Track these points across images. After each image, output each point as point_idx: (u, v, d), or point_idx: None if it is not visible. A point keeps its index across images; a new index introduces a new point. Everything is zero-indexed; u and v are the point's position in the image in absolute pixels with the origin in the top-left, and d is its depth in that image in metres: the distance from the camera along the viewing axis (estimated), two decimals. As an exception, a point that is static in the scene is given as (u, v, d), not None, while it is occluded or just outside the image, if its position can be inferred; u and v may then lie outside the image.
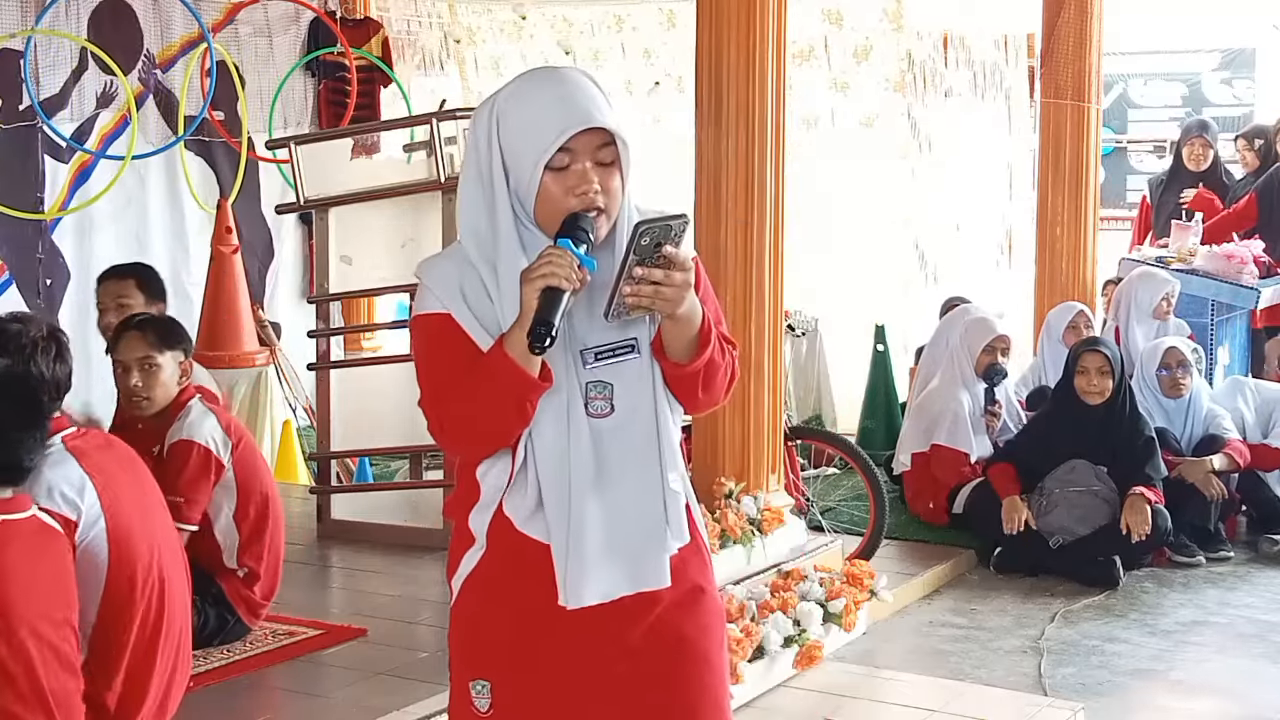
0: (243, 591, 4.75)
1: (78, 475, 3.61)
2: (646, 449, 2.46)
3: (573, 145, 2.38)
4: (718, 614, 2.58)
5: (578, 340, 2.43)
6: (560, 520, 2.42)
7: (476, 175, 2.46)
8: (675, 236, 2.33)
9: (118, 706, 3.68)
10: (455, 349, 2.42)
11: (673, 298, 2.35)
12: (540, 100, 2.40)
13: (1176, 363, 7.10)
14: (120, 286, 5.46)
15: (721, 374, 2.51)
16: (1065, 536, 6.49)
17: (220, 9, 9.44)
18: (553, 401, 2.40)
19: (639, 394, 2.45)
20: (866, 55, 10.07)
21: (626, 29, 10.78)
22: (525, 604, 2.46)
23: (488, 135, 2.43)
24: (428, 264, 2.52)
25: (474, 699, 2.50)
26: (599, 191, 2.39)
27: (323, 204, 6.31)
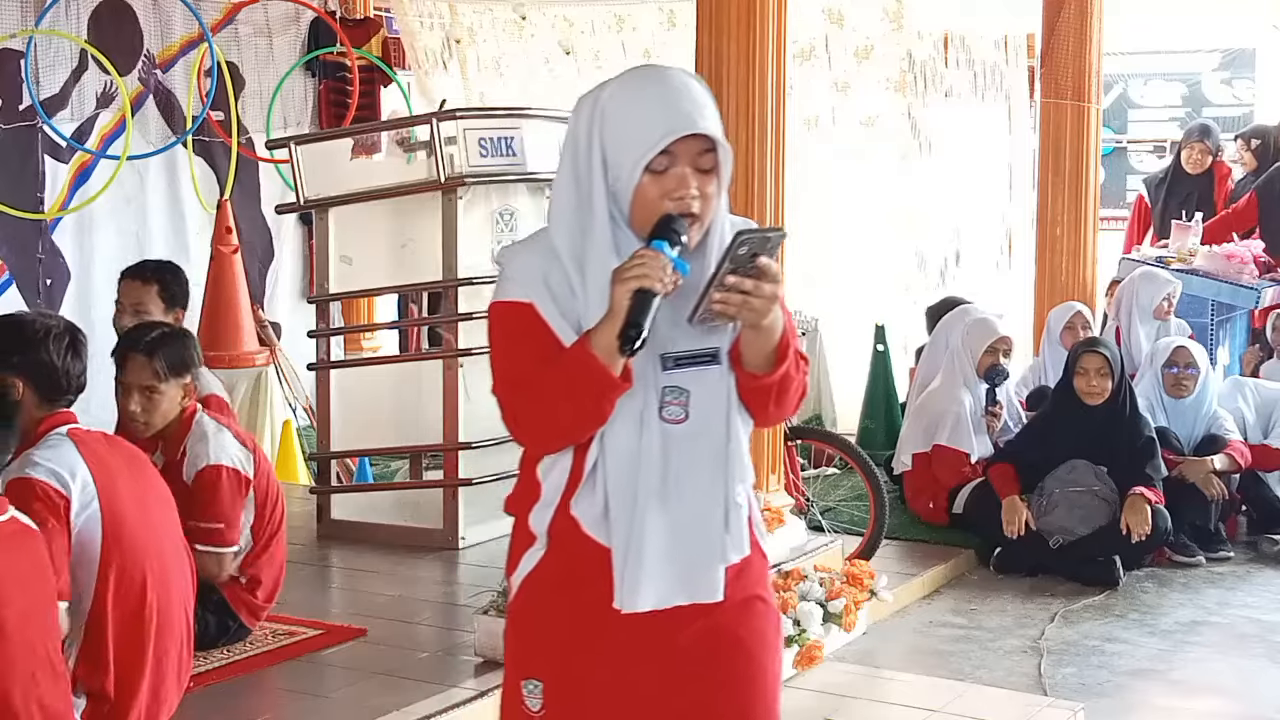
0: (244, 597, 4.74)
1: (73, 458, 3.66)
2: (715, 459, 2.45)
3: (674, 149, 2.36)
4: (774, 621, 2.56)
5: (659, 343, 2.40)
6: (623, 523, 2.41)
7: (573, 170, 2.42)
8: (772, 249, 2.33)
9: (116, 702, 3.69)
10: (536, 339, 2.39)
11: (760, 309, 2.34)
12: (646, 100, 2.38)
13: (1184, 363, 7.10)
14: (141, 292, 5.32)
15: (794, 388, 2.50)
16: (1065, 536, 6.49)
17: (220, 9, 9.44)
18: (628, 403, 2.39)
19: (714, 403, 2.44)
20: (867, 55, 10.06)
21: (627, 29, 10.77)
22: (581, 605, 2.44)
23: (588, 130, 2.41)
24: (511, 252, 2.49)
25: (525, 698, 2.49)
26: (696, 197, 2.38)
27: (323, 204, 6.31)
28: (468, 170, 5.98)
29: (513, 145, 6.19)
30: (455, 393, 6.04)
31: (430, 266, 6.13)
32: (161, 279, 5.41)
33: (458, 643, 4.86)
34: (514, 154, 6.19)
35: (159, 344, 4.57)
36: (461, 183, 5.95)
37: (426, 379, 6.22)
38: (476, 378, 6.14)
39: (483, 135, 6.09)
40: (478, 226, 6.12)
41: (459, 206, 5.99)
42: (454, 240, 6.00)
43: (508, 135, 6.19)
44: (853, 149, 10.06)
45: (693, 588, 2.44)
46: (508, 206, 6.24)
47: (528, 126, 6.35)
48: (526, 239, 2.52)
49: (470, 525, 6.12)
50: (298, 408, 8.11)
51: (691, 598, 2.44)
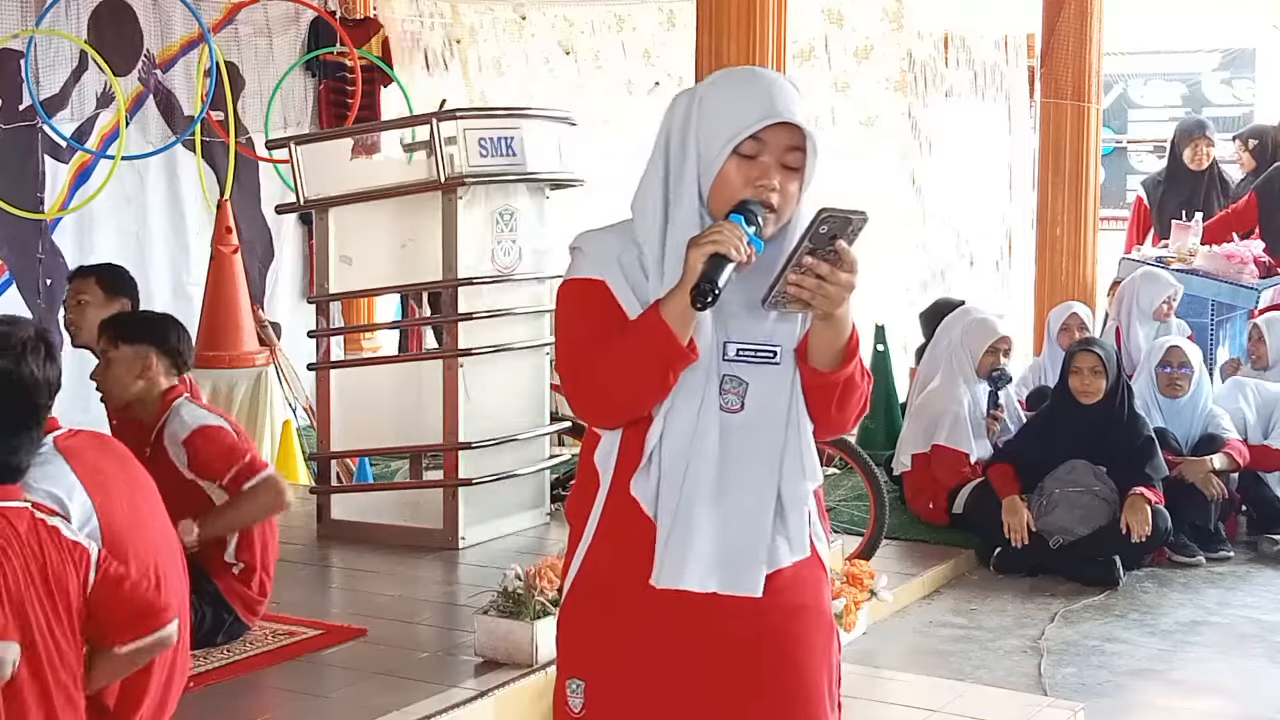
0: (238, 588, 4.74)
1: (67, 476, 3.61)
2: (770, 455, 2.45)
3: (765, 137, 2.40)
4: (825, 631, 2.54)
5: (723, 330, 2.42)
6: (671, 504, 2.41)
7: (663, 158, 2.46)
8: (852, 233, 2.33)
9: (116, 705, 3.68)
10: (605, 314, 2.41)
11: (834, 296, 2.35)
12: (745, 88, 2.44)
13: (1178, 363, 7.09)
14: (81, 284, 5.51)
15: (858, 396, 2.50)
16: (1065, 537, 6.49)
17: (220, 9, 9.44)
18: (689, 384, 2.40)
19: (773, 398, 2.44)
20: (867, 55, 10.08)
21: (627, 29, 10.78)
22: (623, 590, 2.44)
23: (684, 118, 2.45)
24: (587, 234, 2.51)
25: (569, 698, 2.51)
26: (776, 190, 2.40)
27: (323, 204, 6.31)
28: (468, 170, 5.98)
29: (513, 145, 6.19)
30: (455, 393, 6.04)
31: (430, 266, 6.13)
32: (98, 270, 5.59)
33: (458, 643, 4.86)
34: (514, 154, 6.19)
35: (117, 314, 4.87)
36: (461, 183, 5.96)
37: (426, 379, 6.22)
38: (476, 378, 6.15)
39: (483, 135, 6.09)
40: (478, 226, 6.12)
41: (459, 206, 5.99)
42: (454, 240, 6.00)
43: (508, 135, 6.19)
44: (852, 149, 10.07)
45: (731, 578, 2.43)
46: (508, 206, 6.24)
47: (527, 126, 6.35)
48: (603, 226, 2.53)
49: (470, 525, 6.12)
50: (298, 408, 8.11)
51: (728, 587, 2.43)
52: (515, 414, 6.34)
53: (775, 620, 2.46)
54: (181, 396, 4.73)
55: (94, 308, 5.34)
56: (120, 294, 5.48)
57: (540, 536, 6.33)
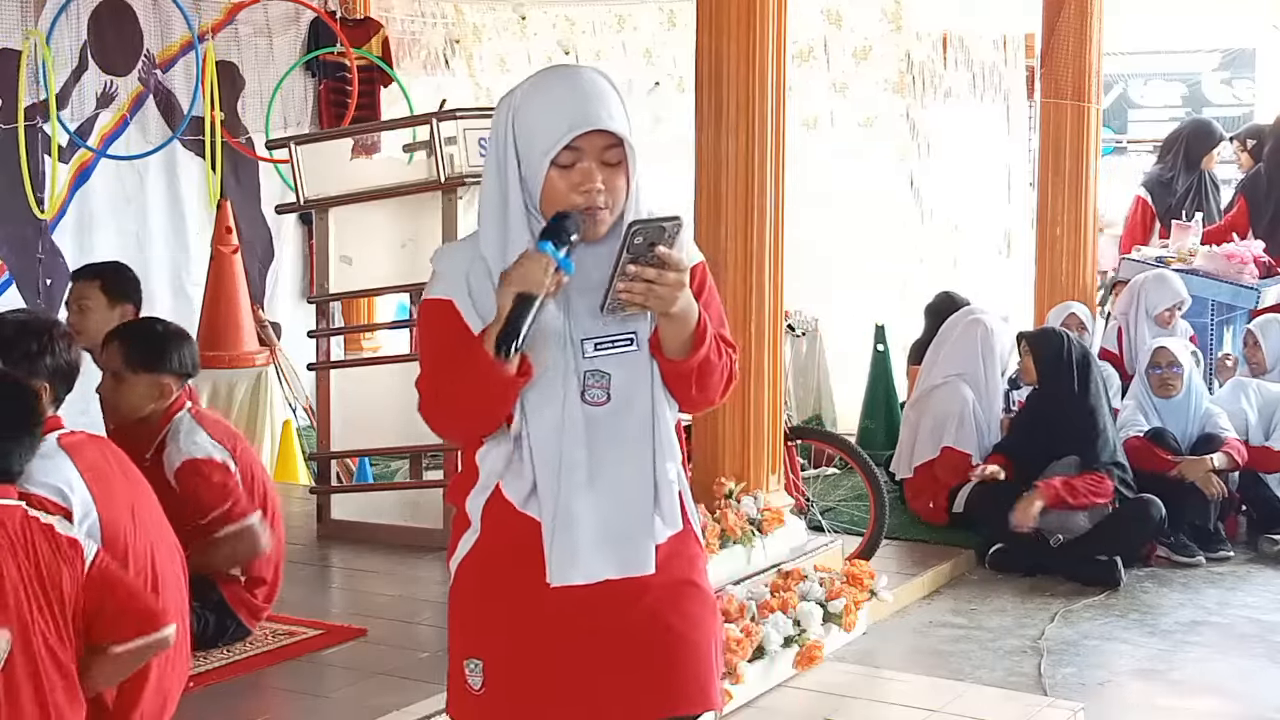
0: (243, 596, 4.73)
1: (69, 471, 3.63)
2: (640, 438, 2.53)
3: (579, 144, 2.45)
4: (708, 605, 2.63)
5: (580, 329, 2.49)
6: (551, 502, 2.49)
7: (495, 166, 2.53)
8: (669, 237, 2.39)
9: (116, 704, 3.68)
10: (451, 334, 2.50)
11: (665, 296, 2.41)
12: (553, 98, 2.48)
13: (1166, 362, 7.08)
14: (83, 289, 5.44)
15: (717, 374, 2.56)
16: (1065, 535, 6.50)
17: (221, 9, 9.44)
18: (550, 387, 2.48)
19: (636, 384, 2.52)
20: (866, 56, 10.07)
21: (627, 29, 10.78)
22: (517, 583, 2.53)
23: (505, 127, 2.51)
24: (442, 251, 2.62)
25: (467, 677, 2.58)
26: (601, 190, 2.46)
27: (323, 204, 6.31)
28: (468, 170, 5.98)
29: (513, 145, 6.18)
30: (455, 393, 6.03)
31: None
32: (103, 274, 5.51)
33: (458, 643, 4.85)
34: (514, 154, 6.18)
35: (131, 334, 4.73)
36: (461, 183, 5.95)
37: (426, 379, 6.21)
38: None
39: (483, 135, 6.09)
40: (477, 226, 6.11)
41: (459, 206, 5.99)
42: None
43: (508, 135, 6.18)
44: (851, 149, 10.07)
45: (623, 561, 2.52)
46: (508, 206, 6.23)
47: (528, 126, 6.34)
48: (460, 240, 2.64)
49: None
50: (298, 408, 8.11)
51: (624, 571, 2.52)
52: (515, 414, 6.32)
53: (661, 597, 2.54)
54: (184, 409, 4.69)
55: (96, 314, 5.29)
56: (124, 299, 5.44)
57: (540, 536, 6.32)
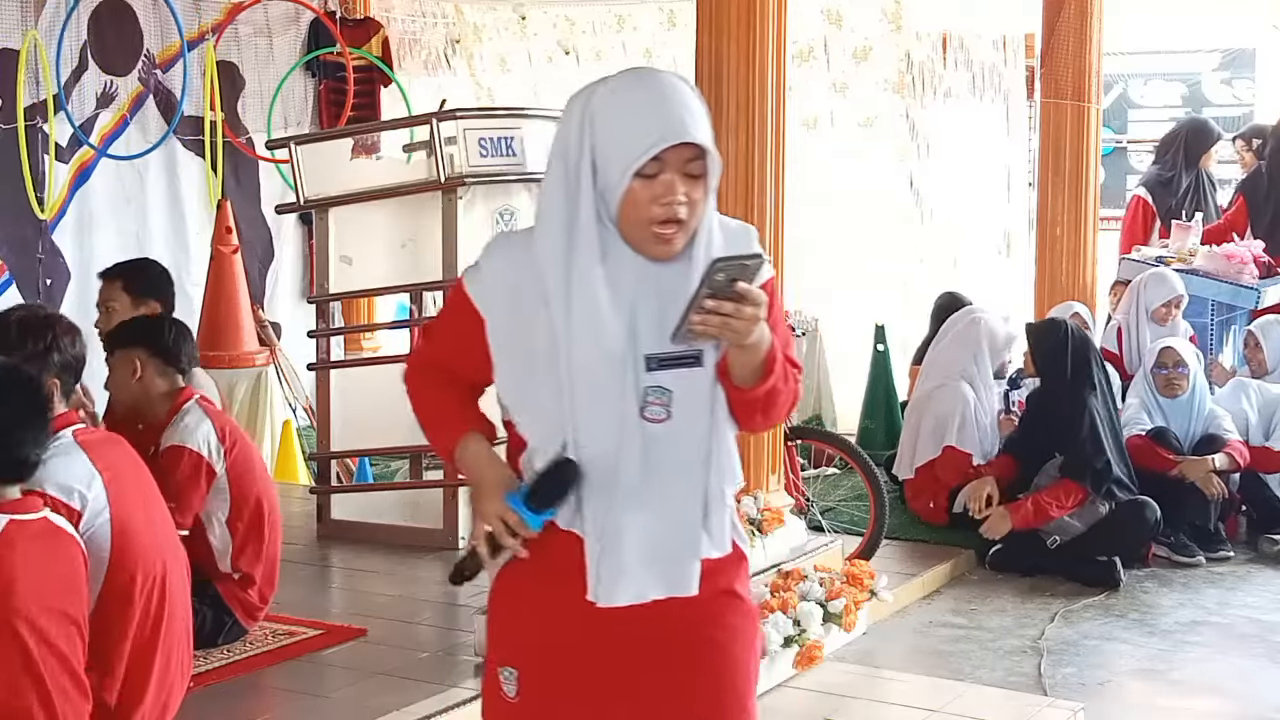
0: (239, 594, 4.74)
1: (86, 467, 3.64)
2: (696, 458, 2.46)
3: (664, 155, 2.37)
4: (750, 616, 2.59)
5: (644, 345, 2.42)
6: (599, 520, 2.43)
7: (563, 170, 2.43)
8: (751, 275, 2.33)
9: (118, 703, 3.68)
10: (461, 335, 2.49)
11: (741, 329, 2.34)
12: (637, 106, 2.39)
13: (1173, 363, 7.09)
14: (107, 289, 5.41)
15: (783, 399, 2.50)
16: (1062, 535, 6.50)
17: (221, 9, 9.44)
18: (608, 403, 2.40)
19: (697, 402, 2.45)
20: (866, 56, 10.07)
21: (627, 28, 10.78)
22: (556, 596, 2.48)
23: (579, 131, 2.42)
24: (498, 246, 2.51)
25: (502, 684, 2.54)
26: (683, 204, 2.39)
27: (323, 204, 6.31)
28: (468, 170, 5.98)
29: (513, 145, 6.19)
30: (455, 393, 6.03)
31: (430, 266, 6.13)
32: (124, 273, 5.47)
33: (458, 643, 4.86)
34: (514, 154, 6.19)
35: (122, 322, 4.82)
36: (461, 183, 5.96)
37: (426, 379, 6.21)
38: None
39: (483, 135, 6.09)
40: (478, 226, 6.12)
41: (459, 206, 5.99)
42: (454, 240, 6.00)
43: (508, 135, 6.19)
44: (851, 149, 10.07)
45: (668, 582, 2.47)
46: (508, 206, 6.24)
47: (528, 126, 6.35)
48: (522, 232, 2.53)
49: (470, 525, 6.11)
50: (298, 408, 8.11)
51: (668, 591, 2.47)
52: (515, 414, 6.32)
53: (702, 609, 2.50)
54: (192, 399, 4.71)
55: (120, 314, 5.22)
56: (148, 296, 5.36)
57: (540, 536, 6.32)
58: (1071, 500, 6.49)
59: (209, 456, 4.63)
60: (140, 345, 4.67)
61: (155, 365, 4.67)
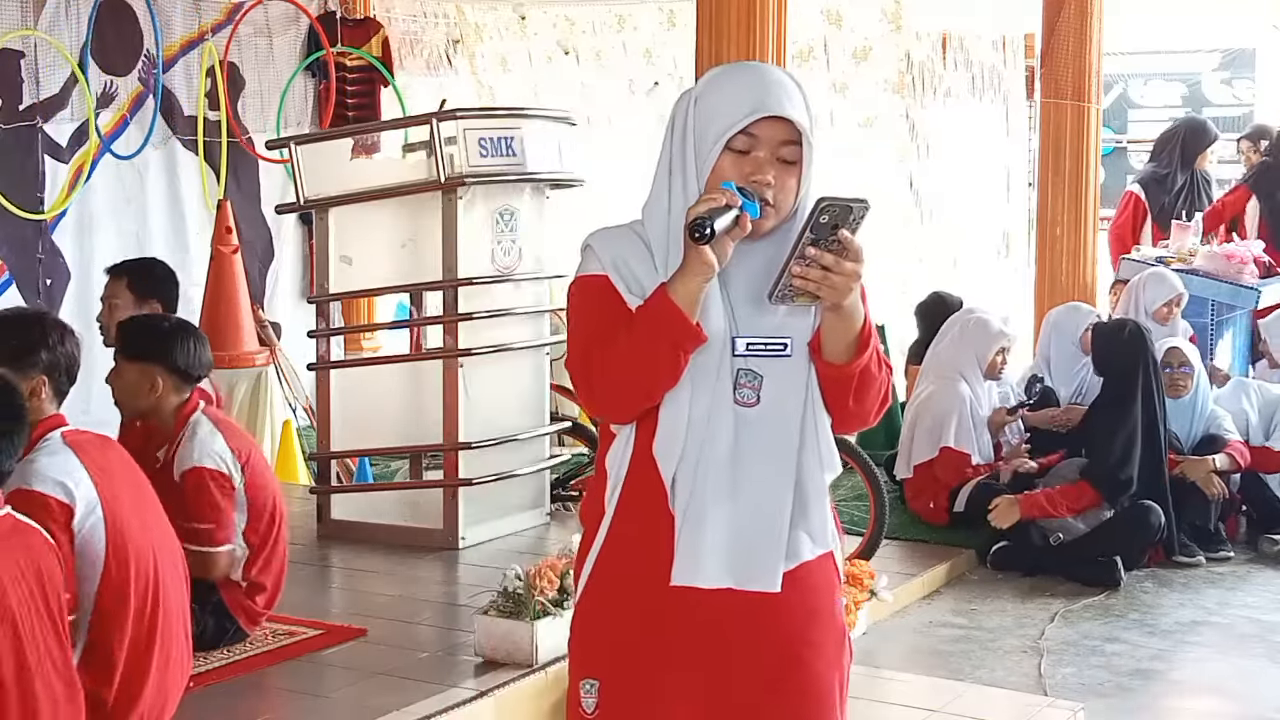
0: (244, 602, 4.73)
1: (75, 466, 3.63)
2: (785, 447, 2.44)
3: (758, 132, 2.38)
4: (840, 635, 2.54)
5: (733, 326, 2.41)
6: (685, 499, 2.41)
7: (667, 161, 2.45)
8: (855, 221, 2.29)
9: (115, 702, 3.68)
10: (611, 308, 2.41)
11: (840, 286, 2.31)
12: (738, 83, 2.42)
13: (1178, 363, 7.09)
14: (112, 285, 5.43)
15: (876, 388, 2.48)
16: (1065, 534, 6.50)
17: (220, 9, 9.44)
18: (701, 378, 2.39)
19: (790, 389, 2.43)
20: (865, 56, 10.08)
21: (627, 28, 10.79)
22: (643, 583, 2.44)
23: (684, 117, 2.45)
24: (597, 232, 2.52)
25: (582, 699, 2.51)
26: (771, 184, 2.38)
27: (323, 204, 6.31)
28: (468, 170, 5.98)
29: (513, 145, 6.19)
30: (455, 393, 6.04)
31: (430, 266, 6.13)
32: (130, 271, 5.49)
33: (458, 643, 4.86)
34: (514, 154, 6.19)
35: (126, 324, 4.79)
36: (461, 183, 5.96)
37: (426, 379, 6.22)
38: (476, 378, 6.15)
39: (483, 135, 6.09)
40: (478, 226, 6.12)
41: (459, 206, 5.99)
42: (454, 240, 6.01)
43: (508, 135, 6.19)
44: (851, 149, 10.07)
45: (748, 574, 2.43)
46: (508, 206, 6.24)
47: (528, 126, 6.35)
48: (623, 225, 2.53)
49: (470, 525, 6.12)
50: (298, 408, 8.11)
51: (745, 583, 2.43)
52: (515, 414, 6.34)
53: (790, 622, 2.46)
54: (197, 410, 4.69)
55: (124, 311, 5.23)
56: (151, 295, 5.39)
57: (540, 536, 6.33)
58: (1084, 503, 6.51)
59: (228, 470, 4.63)
60: (162, 364, 4.62)
61: (173, 381, 4.65)
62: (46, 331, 3.86)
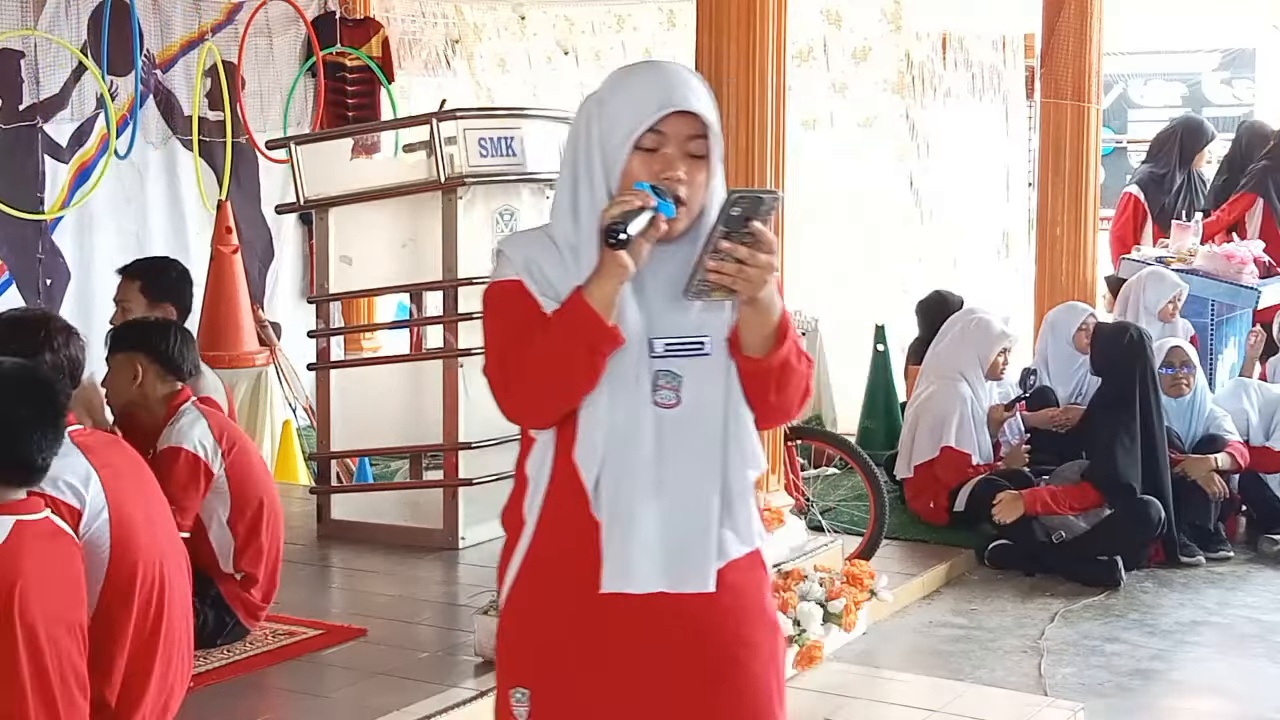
0: (240, 594, 4.74)
1: (84, 467, 3.64)
2: (709, 446, 2.43)
3: (665, 129, 2.37)
4: (774, 632, 2.53)
5: (649, 328, 2.40)
6: (611, 504, 2.39)
7: (572, 162, 2.45)
8: (766, 212, 2.29)
9: (118, 703, 3.68)
10: (525, 313, 2.40)
11: (755, 279, 2.31)
12: (641, 81, 2.42)
13: (1180, 362, 7.10)
14: (125, 288, 5.39)
15: (797, 380, 2.46)
16: (1066, 531, 6.51)
17: (220, 9, 9.45)
18: (620, 382, 2.38)
19: (709, 389, 2.42)
20: (865, 56, 10.08)
21: (627, 29, 10.78)
22: (570, 591, 2.42)
23: (588, 119, 2.44)
24: (509, 237, 2.53)
25: (514, 707, 2.48)
26: (683, 180, 2.38)
27: (323, 204, 6.32)
28: (468, 170, 5.98)
29: (513, 145, 6.19)
30: (455, 393, 6.05)
31: (431, 266, 6.13)
32: (144, 274, 5.44)
33: (458, 643, 4.86)
34: (514, 154, 6.19)
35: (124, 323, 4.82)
36: (461, 183, 5.96)
37: (427, 379, 6.23)
38: (476, 378, 6.14)
39: (483, 135, 6.09)
40: (478, 226, 6.12)
41: (459, 206, 5.99)
42: (454, 240, 6.01)
43: (508, 135, 6.19)
44: (851, 150, 10.07)
45: (678, 574, 2.41)
46: (508, 206, 6.24)
47: (528, 126, 6.36)
48: (534, 228, 2.54)
49: (470, 525, 6.12)
50: (298, 408, 8.11)
51: (675, 585, 2.41)
52: (515, 414, 6.33)
53: (725, 623, 2.45)
54: (187, 402, 4.71)
55: (135, 314, 5.20)
56: (164, 299, 5.34)
57: (540, 536, 6.32)
58: (1087, 504, 6.54)
59: (205, 457, 4.63)
60: (142, 350, 4.66)
61: (155, 371, 4.66)
62: (51, 334, 3.88)
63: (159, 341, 4.68)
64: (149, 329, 4.77)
